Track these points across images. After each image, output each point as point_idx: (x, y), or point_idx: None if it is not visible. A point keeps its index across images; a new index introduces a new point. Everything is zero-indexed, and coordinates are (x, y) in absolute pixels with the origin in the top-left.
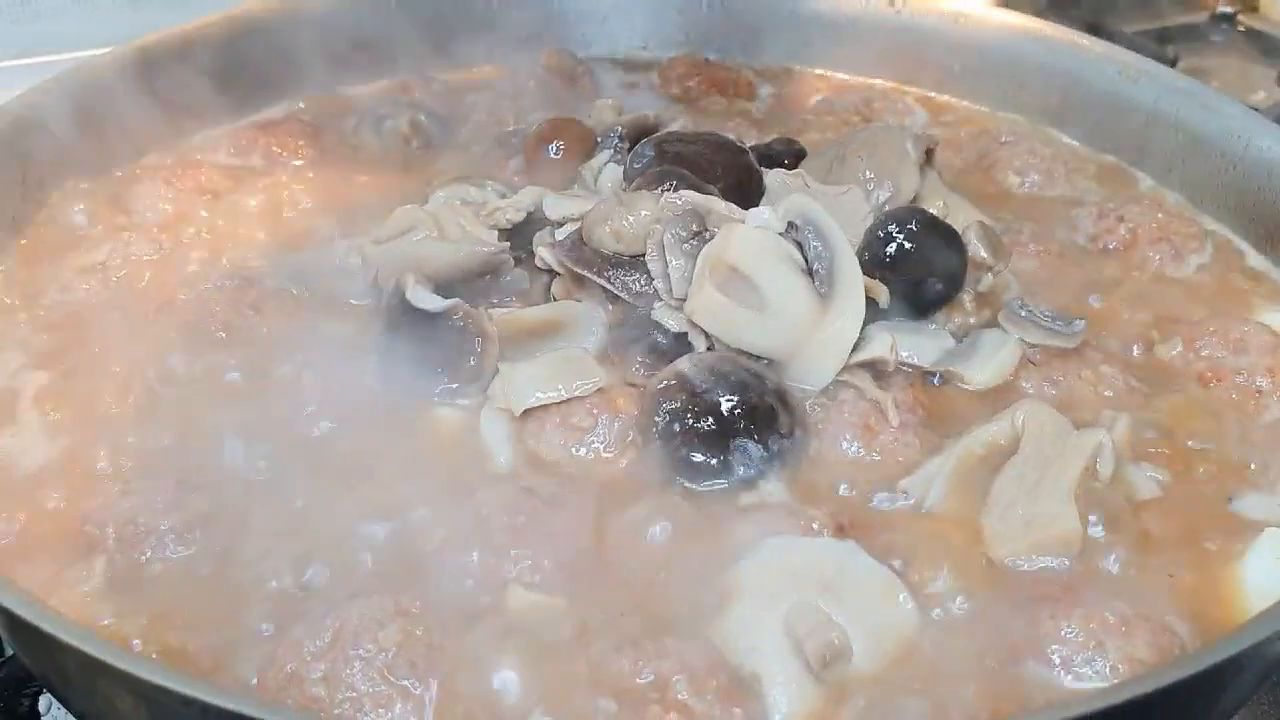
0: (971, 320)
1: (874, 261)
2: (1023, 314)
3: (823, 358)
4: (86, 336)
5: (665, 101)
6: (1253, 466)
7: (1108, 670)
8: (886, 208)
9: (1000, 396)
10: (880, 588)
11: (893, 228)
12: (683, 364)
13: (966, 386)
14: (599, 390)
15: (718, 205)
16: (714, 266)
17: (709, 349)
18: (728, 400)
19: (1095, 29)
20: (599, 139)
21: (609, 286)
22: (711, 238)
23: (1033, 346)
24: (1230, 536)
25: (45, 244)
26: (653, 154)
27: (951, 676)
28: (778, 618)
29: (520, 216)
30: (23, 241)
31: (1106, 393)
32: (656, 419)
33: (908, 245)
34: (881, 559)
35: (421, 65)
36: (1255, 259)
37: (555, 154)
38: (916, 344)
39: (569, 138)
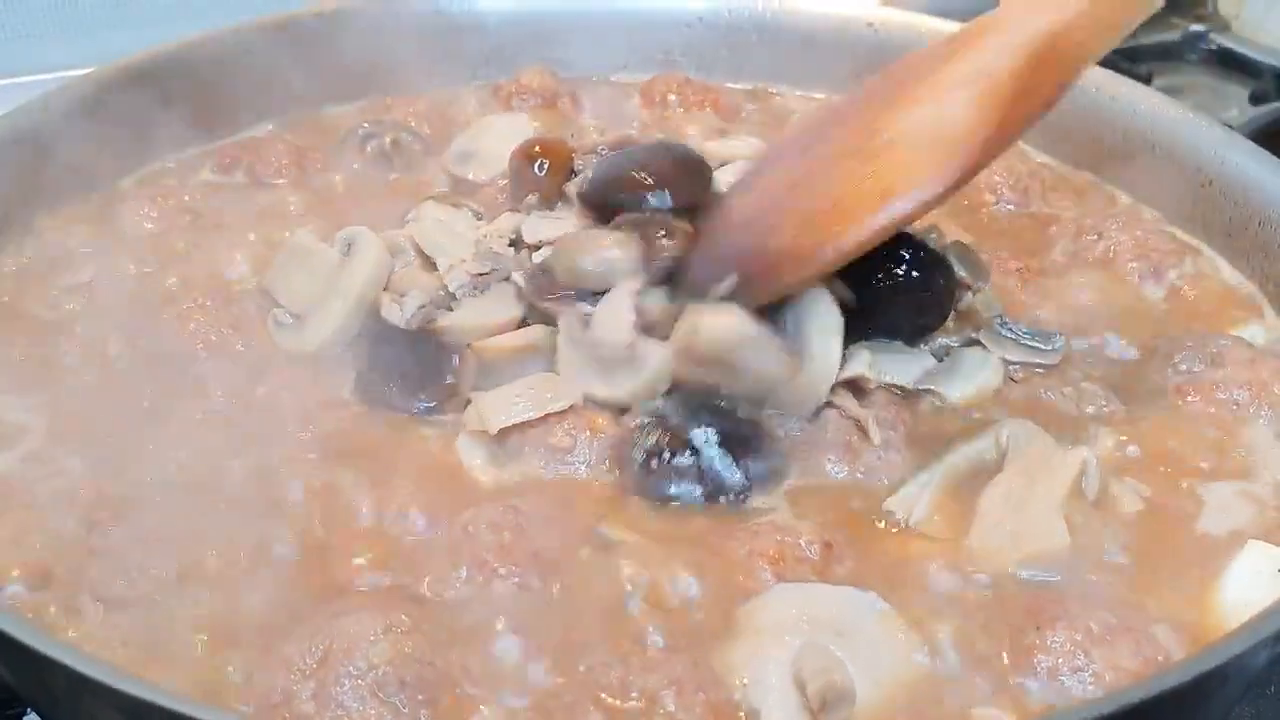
0: (953, 340)
1: (867, 290)
2: (1003, 332)
3: (800, 401)
4: (69, 357)
5: (646, 121)
6: (1233, 479)
7: (1092, 679)
8: None
9: (984, 414)
10: (897, 641)
11: (879, 253)
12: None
13: (948, 406)
14: (574, 410)
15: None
16: (686, 346)
17: None
18: (704, 430)
19: None
20: (582, 157)
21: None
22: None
23: (1014, 364)
24: (1214, 548)
25: (31, 263)
26: (604, 175)
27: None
28: (786, 657)
29: (504, 245)
30: (8, 260)
31: (1088, 409)
32: (634, 455)
33: (895, 271)
34: (868, 579)
35: (404, 85)
36: (1231, 274)
37: (540, 171)
38: (897, 364)
39: (553, 156)
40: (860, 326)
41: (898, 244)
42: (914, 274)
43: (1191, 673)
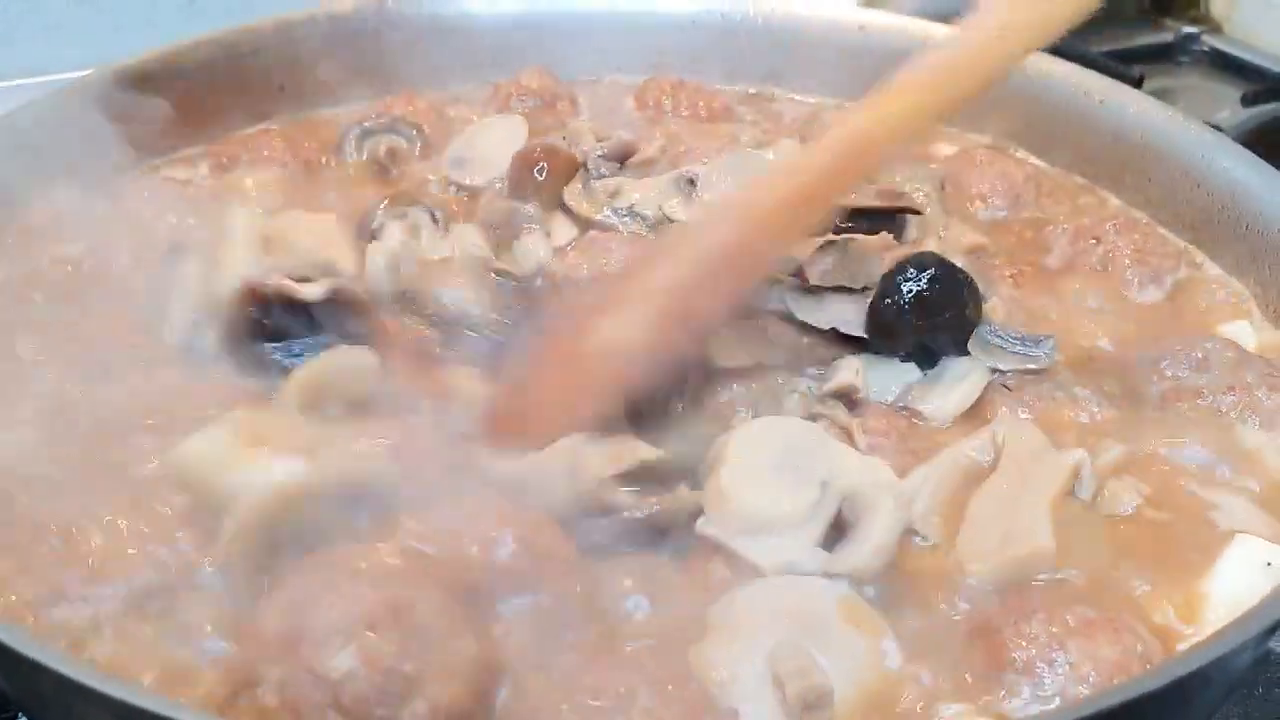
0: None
1: (892, 311)
2: (991, 340)
3: None
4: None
5: (641, 124)
6: (1221, 482)
7: (1067, 669)
8: None
9: (976, 421)
10: (867, 634)
11: (911, 274)
12: None
13: (930, 420)
14: None
15: None
16: None
17: None
18: None
19: (1061, 50)
20: (585, 163)
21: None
22: None
23: (1006, 373)
24: (1201, 549)
25: (23, 248)
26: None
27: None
28: (761, 654)
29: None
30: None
31: (1081, 416)
32: None
33: (926, 295)
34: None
35: (403, 86)
36: (1220, 275)
37: (540, 176)
38: (879, 377)
39: (554, 160)
40: (880, 346)
41: (925, 267)
42: (940, 295)
43: (1172, 675)
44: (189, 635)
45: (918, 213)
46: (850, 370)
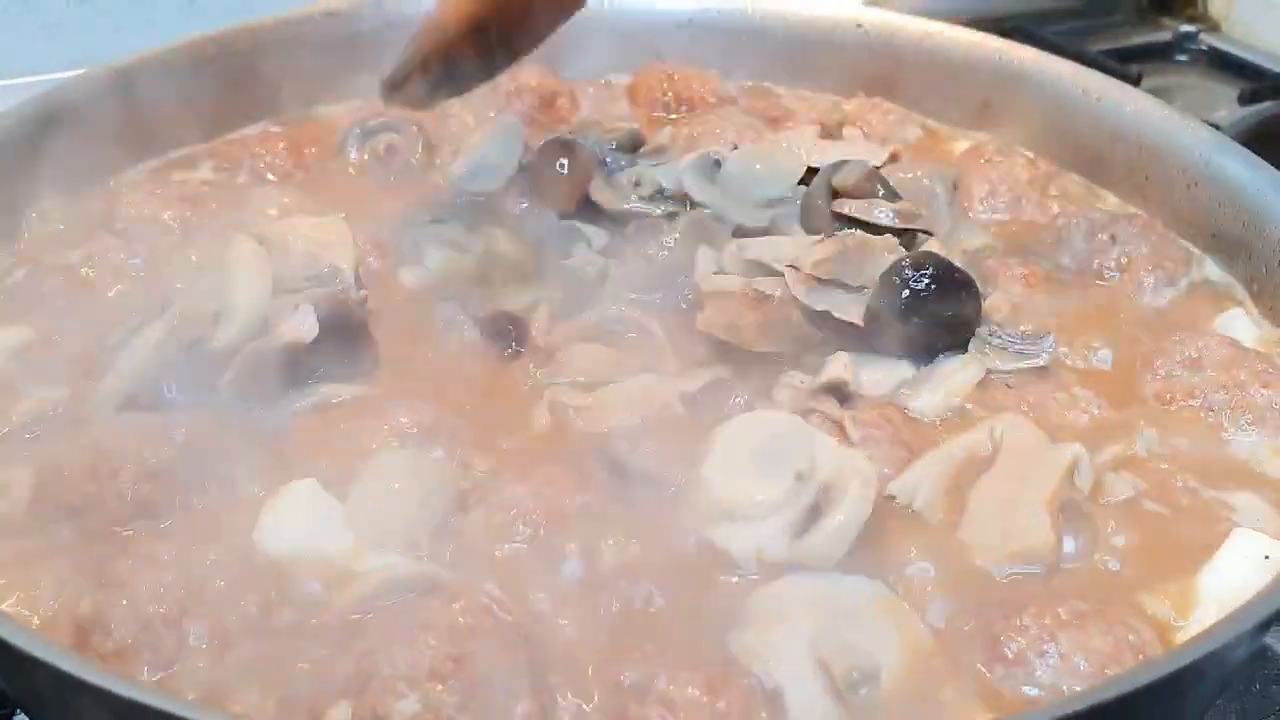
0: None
1: (891, 310)
2: (992, 339)
3: None
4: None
5: (640, 119)
6: (1216, 479)
7: (1059, 660)
8: None
9: (974, 417)
10: (898, 620)
11: (908, 274)
12: None
13: (920, 415)
14: None
15: None
16: None
17: None
18: None
19: (1059, 49)
20: (605, 158)
21: None
22: None
23: (1005, 373)
24: (1197, 543)
25: (23, 250)
26: None
27: (945, 688)
28: (803, 639)
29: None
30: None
31: (1080, 415)
32: None
33: (923, 295)
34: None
35: None
36: (1215, 273)
37: (562, 170)
38: (872, 373)
39: (571, 155)
40: (878, 343)
41: (923, 266)
42: (936, 295)
43: (1167, 669)
44: None
45: (930, 234)
46: (840, 365)
